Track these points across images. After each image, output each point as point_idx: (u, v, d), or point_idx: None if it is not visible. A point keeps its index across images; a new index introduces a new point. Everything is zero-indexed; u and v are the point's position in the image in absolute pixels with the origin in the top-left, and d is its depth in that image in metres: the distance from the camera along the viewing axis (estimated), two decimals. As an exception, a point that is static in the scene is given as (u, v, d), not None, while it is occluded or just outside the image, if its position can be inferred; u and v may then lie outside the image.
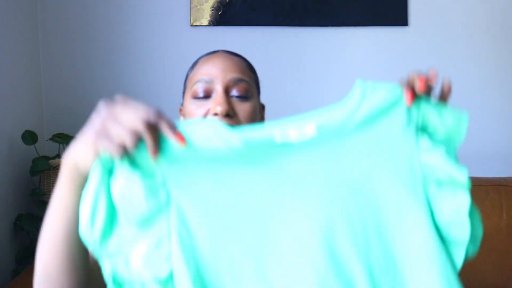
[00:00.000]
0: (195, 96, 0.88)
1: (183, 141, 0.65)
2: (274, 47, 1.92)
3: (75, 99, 1.89)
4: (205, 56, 0.95)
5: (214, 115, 0.84)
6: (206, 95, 0.87)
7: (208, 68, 0.89)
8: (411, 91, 0.67)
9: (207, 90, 0.87)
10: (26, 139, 1.65)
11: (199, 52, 1.28)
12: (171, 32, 1.91)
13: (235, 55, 0.96)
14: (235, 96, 0.87)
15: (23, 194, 1.70)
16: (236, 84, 0.87)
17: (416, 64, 1.83)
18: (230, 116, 0.85)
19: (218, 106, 0.84)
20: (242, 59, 0.96)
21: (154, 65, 1.91)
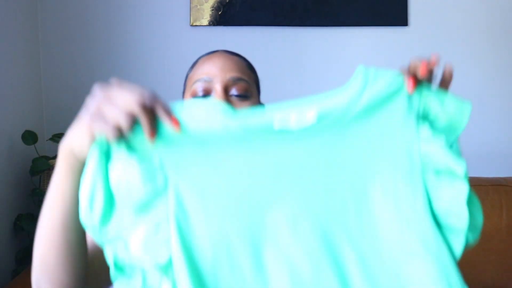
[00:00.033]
0: (194, 95, 0.88)
1: (177, 125, 0.64)
2: (274, 47, 1.92)
3: (75, 99, 1.89)
4: (204, 56, 0.95)
5: None
6: (206, 94, 0.87)
7: (208, 67, 0.89)
8: (413, 78, 0.67)
9: (206, 89, 0.87)
10: (26, 139, 1.65)
11: (199, 52, 1.28)
12: (171, 32, 1.91)
13: (235, 54, 0.96)
14: (234, 95, 0.87)
15: (23, 194, 1.70)
16: (236, 83, 0.87)
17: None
18: None
19: None
20: (241, 59, 0.96)
21: (154, 65, 1.92)
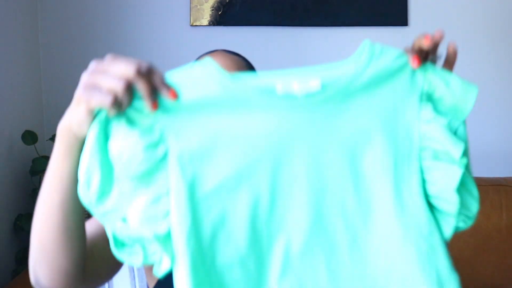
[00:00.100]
0: None
1: (174, 96, 0.62)
2: (274, 47, 1.92)
3: (75, 99, 1.89)
4: (204, 56, 0.95)
5: None
6: None
7: None
8: (417, 53, 0.66)
9: None
10: (26, 139, 1.65)
11: (199, 52, 1.28)
12: (171, 32, 1.91)
13: (234, 54, 0.96)
14: None
15: (23, 194, 1.70)
16: None
17: (416, 64, 1.83)
18: None
19: None
20: (241, 58, 0.96)
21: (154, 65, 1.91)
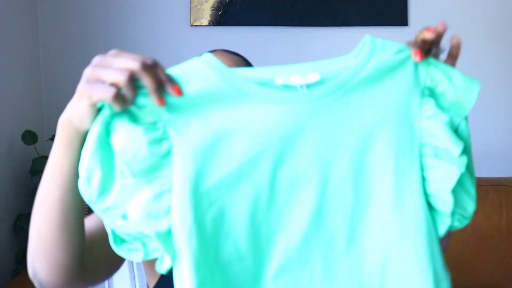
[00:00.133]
0: None
1: (179, 93, 0.61)
2: (274, 47, 1.92)
3: (75, 99, 1.90)
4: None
5: None
6: None
7: None
8: (419, 46, 0.65)
9: None
10: (26, 139, 1.65)
11: (199, 52, 1.28)
12: (171, 32, 1.91)
13: (234, 53, 0.96)
14: None
15: (23, 194, 1.70)
16: None
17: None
18: None
19: None
20: (240, 58, 0.96)
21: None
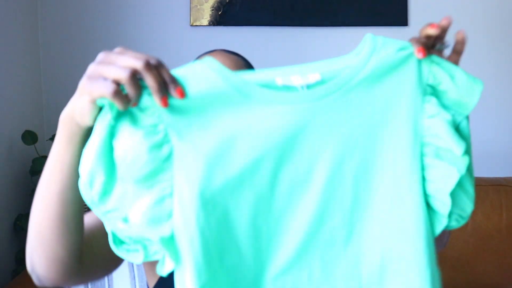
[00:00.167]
0: None
1: (182, 95, 0.61)
2: (274, 47, 1.92)
3: (75, 99, 1.89)
4: (203, 55, 0.95)
5: None
6: None
7: None
8: (422, 43, 0.64)
9: None
10: (26, 139, 1.65)
11: (199, 52, 1.28)
12: (171, 32, 1.91)
13: (233, 53, 0.96)
14: None
15: (23, 194, 1.70)
16: None
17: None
18: None
19: None
20: (240, 58, 0.96)
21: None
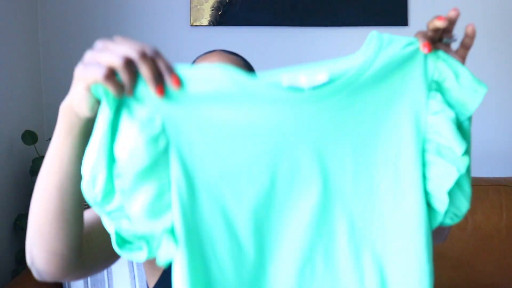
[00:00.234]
0: None
1: (178, 84, 0.60)
2: (274, 47, 1.92)
3: (75, 99, 1.89)
4: (202, 56, 0.95)
5: None
6: None
7: None
8: (428, 37, 0.64)
9: None
10: (26, 139, 1.65)
11: (199, 52, 1.28)
12: (171, 32, 1.91)
13: (233, 54, 0.96)
14: None
15: (23, 194, 1.70)
16: None
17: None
18: None
19: None
20: (239, 58, 0.96)
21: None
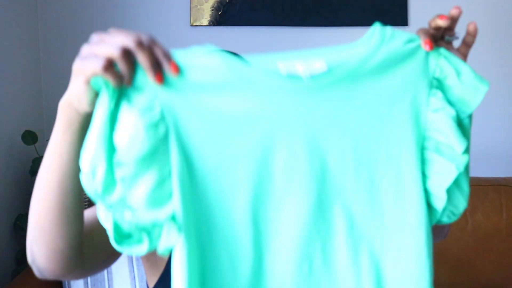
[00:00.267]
0: None
1: (176, 71, 0.60)
2: (274, 47, 1.92)
3: (75, 99, 1.89)
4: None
5: None
6: None
7: None
8: (430, 35, 0.64)
9: None
10: (26, 139, 1.65)
11: (199, 52, 1.28)
12: (171, 32, 1.91)
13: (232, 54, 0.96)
14: None
15: (23, 194, 1.70)
16: None
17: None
18: None
19: None
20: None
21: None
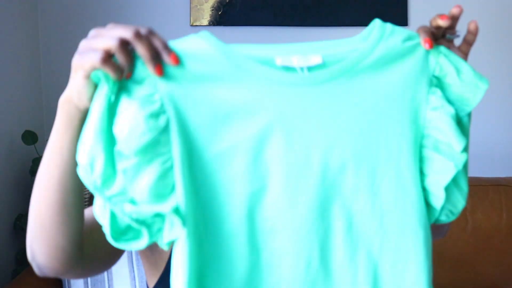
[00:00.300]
0: None
1: (176, 61, 0.61)
2: (274, 47, 1.92)
3: (75, 99, 1.89)
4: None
5: None
6: None
7: None
8: (430, 34, 0.64)
9: None
10: (26, 139, 1.65)
11: (199, 52, 1.28)
12: (171, 32, 1.91)
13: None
14: None
15: (23, 194, 1.70)
16: None
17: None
18: None
19: None
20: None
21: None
